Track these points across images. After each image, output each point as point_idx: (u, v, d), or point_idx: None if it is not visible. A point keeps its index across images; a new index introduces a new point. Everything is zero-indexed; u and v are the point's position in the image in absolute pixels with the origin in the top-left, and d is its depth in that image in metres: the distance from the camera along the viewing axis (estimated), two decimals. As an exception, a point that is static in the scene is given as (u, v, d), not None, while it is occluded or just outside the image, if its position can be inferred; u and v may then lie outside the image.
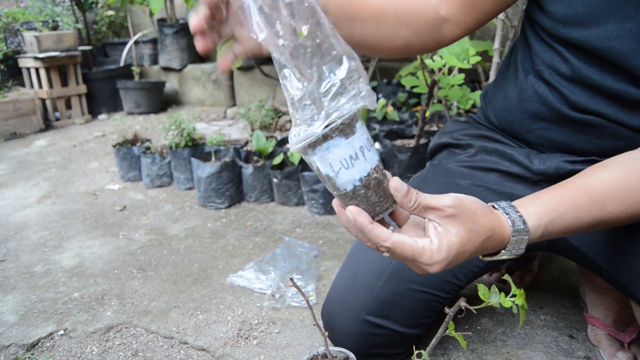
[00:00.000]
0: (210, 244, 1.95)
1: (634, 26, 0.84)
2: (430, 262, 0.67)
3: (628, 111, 0.90)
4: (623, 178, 0.75)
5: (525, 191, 1.06)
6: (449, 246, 0.66)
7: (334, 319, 1.09)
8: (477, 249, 0.69)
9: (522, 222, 0.71)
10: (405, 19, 0.91)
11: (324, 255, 1.80)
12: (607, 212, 0.74)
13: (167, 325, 1.44)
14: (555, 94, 0.97)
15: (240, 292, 1.60)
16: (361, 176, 0.63)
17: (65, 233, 2.11)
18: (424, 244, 0.66)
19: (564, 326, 1.35)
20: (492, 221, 0.69)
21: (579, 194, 0.75)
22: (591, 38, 0.88)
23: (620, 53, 0.85)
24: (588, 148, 0.98)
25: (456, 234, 0.66)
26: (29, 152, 3.40)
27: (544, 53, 0.97)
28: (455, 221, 0.67)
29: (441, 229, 0.67)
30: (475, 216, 0.68)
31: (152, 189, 2.58)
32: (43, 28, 4.24)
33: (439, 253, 0.66)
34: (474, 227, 0.67)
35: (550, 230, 0.73)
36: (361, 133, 0.62)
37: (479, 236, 0.68)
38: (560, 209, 0.73)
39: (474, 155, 1.15)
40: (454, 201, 0.67)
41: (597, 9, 0.86)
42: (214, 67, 4.39)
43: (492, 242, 0.70)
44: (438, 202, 0.66)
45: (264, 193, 2.32)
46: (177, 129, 2.49)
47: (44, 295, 1.63)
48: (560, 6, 0.91)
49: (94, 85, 4.33)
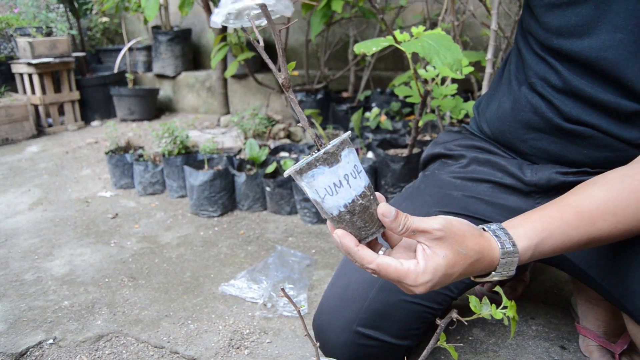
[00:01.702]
0: (203, 252, 1.94)
1: (625, 36, 0.85)
2: (415, 284, 0.67)
3: (619, 123, 0.91)
4: (612, 195, 0.75)
5: (517, 202, 1.07)
6: (435, 268, 0.67)
7: (325, 329, 1.09)
8: (464, 271, 0.70)
9: (511, 244, 0.71)
10: None
11: (317, 264, 1.80)
12: (598, 229, 0.74)
13: (158, 335, 1.43)
14: (547, 105, 0.98)
15: (232, 301, 1.59)
16: (346, 202, 0.65)
17: (56, 240, 2.09)
18: (409, 266, 0.67)
19: (555, 337, 1.35)
20: (480, 244, 0.70)
21: (568, 213, 0.75)
22: (584, 49, 0.90)
23: (612, 63, 0.87)
24: (580, 159, 0.99)
25: (444, 257, 0.67)
26: (20, 158, 3.38)
27: (536, 65, 0.99)
28: (444, 244, 0.67)
29: (429, 251, 0.68)
30: (463, 239, 0.68)
31: (144, 196, 2.57)
32: (37, 34, 4.24)
33: (424, 275, 0.67)
34: (462, 250, 0.68)
35: (541, 250, 0.74)
36: (347, 161, 0.63)
37: (467, 259, 0.68)
38: (549, 229, 0.73)
39: (466, 166, 1.16)
40: (443, 224, 0.67)
41: (590, 20, 0.89)
42: (207, 74, 4.39)
43: (481, 265, 0.70)
44: (427, 225, 0.67)
45: (256, 201, 2.31)
46: (170, 136, 2.48)
47: (34, 304, 1.62)
48: (553, 17, 0.93)
49: (87, 91, 4.32)
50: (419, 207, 1.11)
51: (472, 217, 1.07)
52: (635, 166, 0.79)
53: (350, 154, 0.64)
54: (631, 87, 0.86)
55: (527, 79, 1.01)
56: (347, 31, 3.60)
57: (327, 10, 2.54)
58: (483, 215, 1.08)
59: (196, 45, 4.73)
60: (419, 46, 1.37)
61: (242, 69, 4.00)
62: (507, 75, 1.10)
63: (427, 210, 1.09)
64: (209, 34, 4.40)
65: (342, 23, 3.53)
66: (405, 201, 1.18)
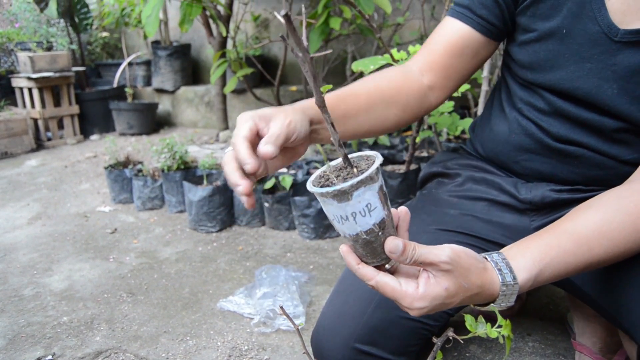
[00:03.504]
0: (201, 268, 1.95)
1: (593, 65, 0.90)
2: (410, 307, 0.68)
3: (607, 141, 0.94)
4: (607, 218, 0.76)
5: (513, 219, 1.08)
6: (433, 297, 0.68)
7: (323, 346, 1.10)
8: (463, 302, 0.71)
9: (512, 277, 0.72)
10: (393, 100, 0.98)
11: (315, 280, 1.81)
12: (595, 254, 0.75)
13: (157, 351, 1.44)
14: (537, 127, 1.01)
15: (230, 317, 1.60)
16: (350, 233, 0.65)
17: (55, 255, 2.10)
18: (408, 289, 0.68)
19: (552, 353, 1.36)
20: (483, 278, 0.71)
21: (565, 240, 0.76)
22: (557, 81, 0.95)
23: (585, 91, 0.92)
24: (572, 178, 1.01)
25: (445, 289, 0.68)
26: (19, 172, 3.39)
27: (520, 92, 1.05)
28: (449, 276, 0.68)
29: (433, 280, 0.68)
30: (468, 273, 0.69)
31: (143, 211, 2.58)
32: (37, 48, 4.27)
33: (420, 301, 0.67)
34: (464, 284, 0.68)
35: (540, 280, 0.75)
36: (359, 200, 0.62)
37: (468, 292, 0.69)
38: (547, 259, 0.74)
39: (462, 184, 1.18)
40: (451, 257, 0.67)
41: (557, 54, 0.94)
42: (206, 89, 4.42)
43: (481, 297, 0.71)
44: (435, 258, 0.67)
45: (255, 217, 2.33)
46: (169, 151, 2.50)
47: (33, 319, 1.62)
48: (524, 54, 1.00)
49: (86, 105, 4.35)
50: (417, 225, 1.13)
51: (469, 234, 1.09)
52: (629, 187, 0.81)
53: (366, 192, 0.62)
54: (609, 110, 0.91)
55: (515, 105, 1.06)
56: (345, 47, 3.64)
57: (326, 27, 2.57)
58: (479, 233, 1.09)
59: (195, 60, 4.76)
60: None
61: (241, 84, 4.03)
62: (498, 98, 1.14)
63: (424, 228, 1.10)
64: (208, 49, 4.44)
65: (340, 39, 3.57)
66: (403, 219, 1.19)
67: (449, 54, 1.02)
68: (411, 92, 1.00)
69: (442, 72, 1.02)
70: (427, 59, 1.04)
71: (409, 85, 0.99)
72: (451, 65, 1.03)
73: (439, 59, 1.02)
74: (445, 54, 1.02)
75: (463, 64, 1.03)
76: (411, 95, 1.00)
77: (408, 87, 0.99)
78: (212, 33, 3.17)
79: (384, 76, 1.01)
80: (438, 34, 1.05)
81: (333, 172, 0.66)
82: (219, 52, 2.97)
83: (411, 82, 1.00)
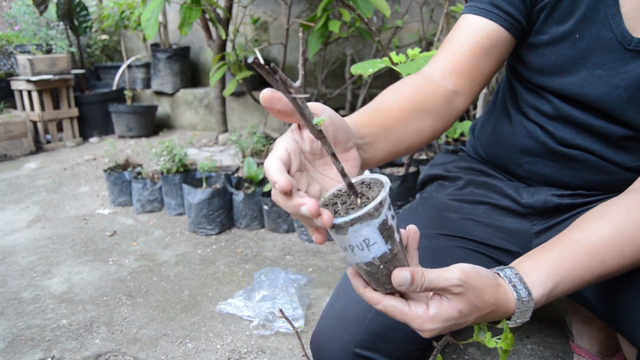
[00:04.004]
0: (200, 270, 1.95)
1: (605, 72, 0.89)
2: (421, 329, 0.66)
3: (612, 147, 0.94)
4: (619, 230, 0.75)
5: (514, 224, 1.08)
6: (445, 319, 0.66)
7: (323, 350, 1.09)
8: (476, 320, 0.69)
9: (527, 293, 0.70)
10: (423, 107, 0.89)
11: (314, 283, 1.81)
12: (607, 267, 0.74)
13: (156, 354, 1.44)
14: (542, 131, 1.00)
15: (229, 319, 1.60)
16: (351, 262, 0.64)
17: (55, 258, 2.10)
18: (417, 311, 0.65)
19: (550, 356, 1.36)
20: (497, 296, 0.68)
21: (578, 253, 0.74)
22: (566, 86, 0.93)
23: (594, 98, 0.90)
24: (574, 182, 1.01)
25: (458, 311, 0.66)
26: (19, 175, 3.39)
27: (527, 95, 1.02)
28: (461, 298, 0.66)
29: (446, 303, 0.66)
30: (481, 292, 0.67)
31: (142, 214, 2.58)
32: (37, 51, 4.27)
33: (432, 322, 0.65)
34: (477, 303, 0.66)
35: (554, 294, 0.73)
36: (355, 235, 0.59)
37: (482, 311, 0.67)
38: (562, 272, 0.73)
39: (463, 187, 1.18)
40: (462, 279, 0.65)
41: (568, 58, 0.92)
42: (206, 92, 4.42)
43: (495, 315, 0.69)
44: (445, 282, 0.65)
45: (254, 220, 2.33)
46: (168, 154, 2.50)
47: (32, 322, 1.62)
48: (535, 57, 0.97)
49: (86, 108, 4.35)
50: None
51: (469, 239, 1.09)
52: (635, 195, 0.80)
53: (363, 228, 0.58)
54: (617, 117, 0.90)
55: (520, 109, 1.04)
56: (344, 50, 3.65)
57: (325, 30, 2.58)
58: (479, 237, 1.09)
59: (194, 62, 4.77)
60: (415, 68, 1.40)
61: (240, 87, 4.04)
62: (502, 100, 1.12)
63: (425, 233, 1.10)
64: (207, 52, 4.45)
65: (339, 42, 3.58)
66: (403, 223, 1.19)
67: (475, 54, 0.94)
68: (437, 99, 0.91)
69: (467, 75, 0.95)
70: (450, 61, 0.95)
71: (434, 92, 0.91)
72: (477, 67, 0.95)
73: (464, 61, 0.94)
74: (471, 54, 0.94)
75: (489, 65, 0.96)
76: (438, 102, 0.91)
77: (434, 93, 0.91)
78: (211, 36, 3.17)
79: (407, 84, 0.93)
80: (459, 33, 0.97)
81: (343, 195, 0.62)
82: (218, 55, 2.97)
83: (435, 88, 0.92)
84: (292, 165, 0.61)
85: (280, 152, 0.60)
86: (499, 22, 0.94)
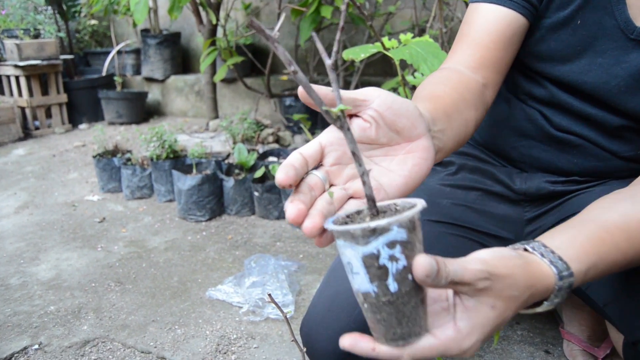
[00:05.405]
0: (190, 257, 1.94)
1: (605, 60, 0.88)
2: (461, 351, 0.55)
3: (608, 136, 0.93)
4: None
5: (506, 210, 1.08)
6: (482, 325, 0.54)
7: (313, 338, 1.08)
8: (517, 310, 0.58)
9: (566, 266, 0.59)
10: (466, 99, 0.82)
11: (304, 269, 1.80)
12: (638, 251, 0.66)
13: (145, 340, 1.43)
14: (539, 115, 0.99)
15: (219, 306, 1.59)
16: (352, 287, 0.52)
17: (43, 244, 2.08)
18: (448, 335, 0.53)
19: (540, 342, 1.37)
20: (532, 276, 0.57)
21: (618, 236, 0.65)
22: (565, 73, 0.92)
23: (592, 86, 0.89)
24: (569, 167, 1.00)
25: (492, 307, 0.54)
26: (6, 162, 3.35)
27: (524, 82, 1.00)
28: (490, 292, 0.54)
29: (472, 304, 0.54)
30: (513, 279, 0.55)
31: (132, 200, 2.55)
32: (24, 36, 4.21)
33: (469, 338, 0.54)
34: (513, 292, 0.55)
35: (588, 276, 0.62)
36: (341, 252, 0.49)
37: (519, 300, 0.56)
38: (600, 252, 0.63)
39: (455, 173, 1.16)
40: (488, 271, 0.53)
41: (569, 45, 0.91)
42: (196, 78, 4.38)
43: (533, 298, 0.59)
44: (470, 275, 0.52)
45: (245, 206, 2.32)
46: (158, 140, 2.48)
47: (19, 309, 1.60)
48: (534, 42, 0.94)
49: (75, 94, 4.30)
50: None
51: (461, 225, 1.08)
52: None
53: (347, 249, 0.48)
54: (614, 106, 0.89)
55: (517, 94, 1.03)
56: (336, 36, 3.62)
57: (317, 16, 2.55)
58: (471, 223, 1.08)
59: (185, 48, 4.72)
60: (407, 53, 1.39)
61: (231, 73, 4.00)
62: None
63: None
64: (198, 37, 4.40)
65: (332, 28, 3.55)
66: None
67: (498, 46, 0.90)
68: (474, 91, 0.84)
69: (493, 68, 0.90)
70: (473, 55, 0.90)
71: (470, 84, 0.86)
72: (502, 58, 0.91)
73: (489, 54, 0.90)
74: (494, 47, 0.90)
75: (512, 54, 0.92)
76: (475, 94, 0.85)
77: (471, 85, 0.85)
78: (202, 21, 3.14)
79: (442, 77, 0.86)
80: (477, 24, 0.92)
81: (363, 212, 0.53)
82: (209, 41, 2.94)
83: (470, 81, 0.86)
84: (326, 159, 0.57)
85: (309, 145, 0.56)
86: (518, 9, 0.90)
